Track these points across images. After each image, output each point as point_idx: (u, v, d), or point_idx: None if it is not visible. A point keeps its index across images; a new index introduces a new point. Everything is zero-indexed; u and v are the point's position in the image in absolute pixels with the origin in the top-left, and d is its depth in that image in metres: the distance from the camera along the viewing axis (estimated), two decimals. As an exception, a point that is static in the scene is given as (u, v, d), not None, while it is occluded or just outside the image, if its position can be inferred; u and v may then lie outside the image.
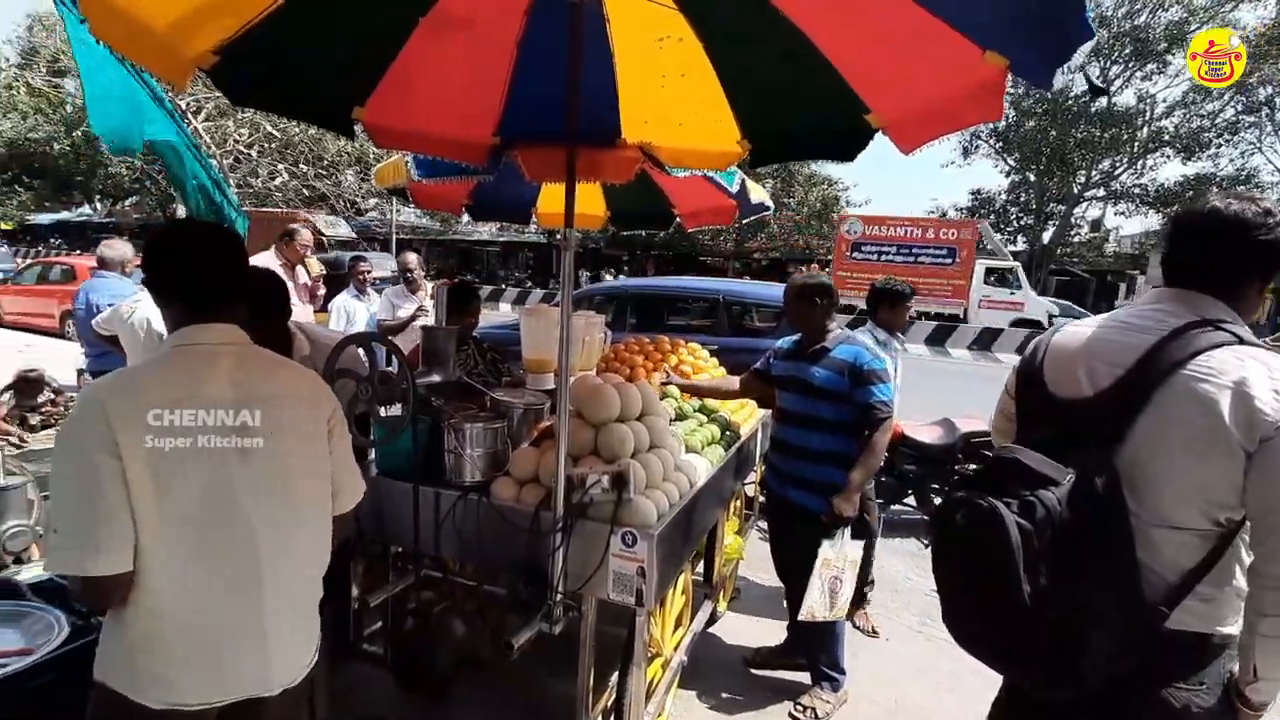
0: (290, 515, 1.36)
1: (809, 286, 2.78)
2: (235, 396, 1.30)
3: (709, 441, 2.66)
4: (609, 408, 2.01)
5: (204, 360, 1.31)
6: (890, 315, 3.61)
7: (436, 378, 2.27)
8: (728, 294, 6.49)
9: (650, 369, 3.40)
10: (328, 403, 1.48)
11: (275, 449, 1.34)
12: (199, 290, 1.33)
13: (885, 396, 2.66)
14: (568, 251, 1.72)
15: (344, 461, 1.50)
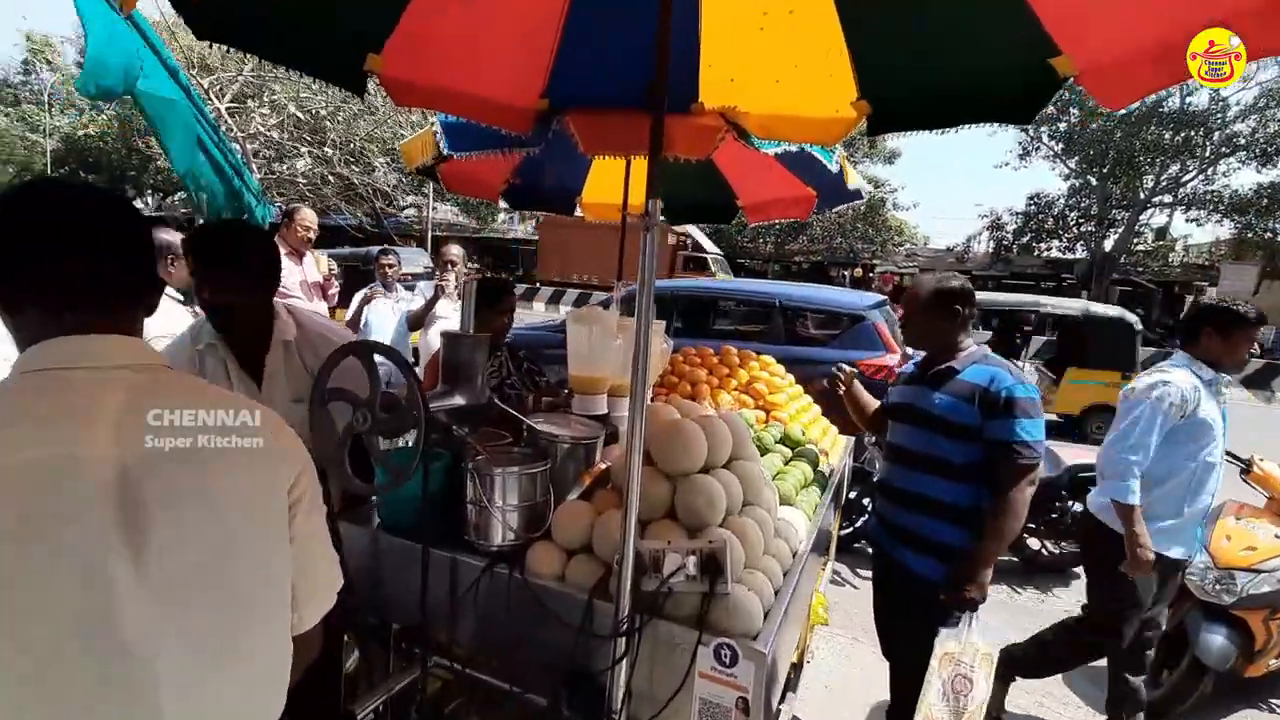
0: (214, 649, 0.84)
1: (945, 291, 2.14)
2: (121, 452, 0.79)
3: (803, 484, 2.09)
4: (691, 454, 1.46)
5: (73, 393, 0.80)
6: (1223, 346, 2.48)
7: (460, 400, 1.75)
8: (784, 298, 5.88)
9: (715, 386, 2.84)
10: (291, 461, 0.94)
11: (192, 539, 0.82)
12: (65, 284, 0.82)
13: (1031, 435, 1.98)
14: (649, 231, 1.18)
15: (313, 552, 0.98)
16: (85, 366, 0.82)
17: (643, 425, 1.31)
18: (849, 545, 4.47)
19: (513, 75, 2.05)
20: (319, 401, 1.55)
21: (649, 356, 1.30)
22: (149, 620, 0.78)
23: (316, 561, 0.99)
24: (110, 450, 0.78)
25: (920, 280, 2.22)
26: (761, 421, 2.59)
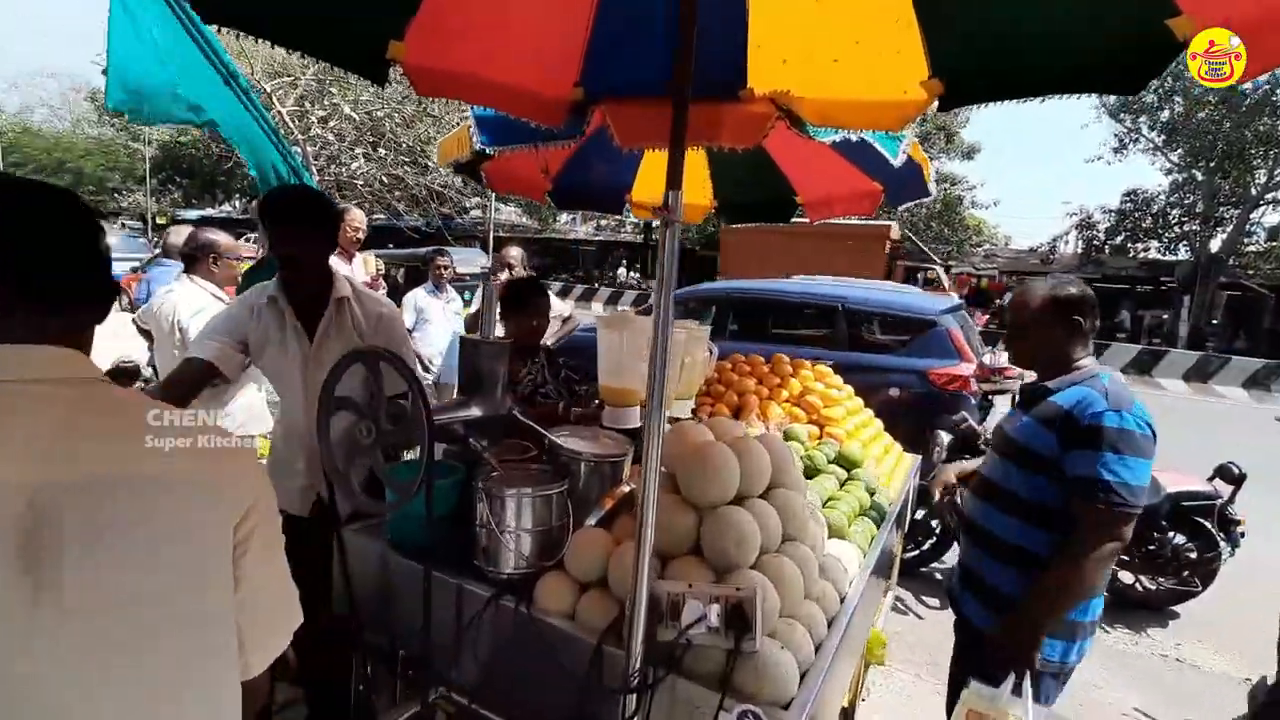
0: (135, 694, 0.74)
1: (1061, 299, 1.78)
2: (39, 478, 0.69)
3: (858, 512, 1.86)
4: (720, 483, 1.28)
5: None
6: None
7: (476, 410, 1.63)
8: (850, 300, 5.55)
9: (765, 397, 2.63)
10: (238, 495, 0.83)
11: (111, 576, 0.72)
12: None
13: (1119, 475, 1.55)
14: (669, 228, 1.00)
15: (265, 594, 0.87)
16: (14, 380, 0.73)
17: (658, 446, 1.14)
18: (914, 569, 4.13)
19: (544, 62, 1.91)
20: (324, 411, 1.45)
21: (666, 365, 1.13)
22: (51, 665, 0.68)
23: (270, 605, 0.87)
24: (27, 475, 0.69)
25: (1031, 286, 1.87)
26: (814, 438, 2.36)
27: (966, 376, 4.81)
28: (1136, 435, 1.60)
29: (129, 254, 14.70)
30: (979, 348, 5.37)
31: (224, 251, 2.65)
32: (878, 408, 5.06)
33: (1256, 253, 21.07)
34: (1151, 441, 1.62)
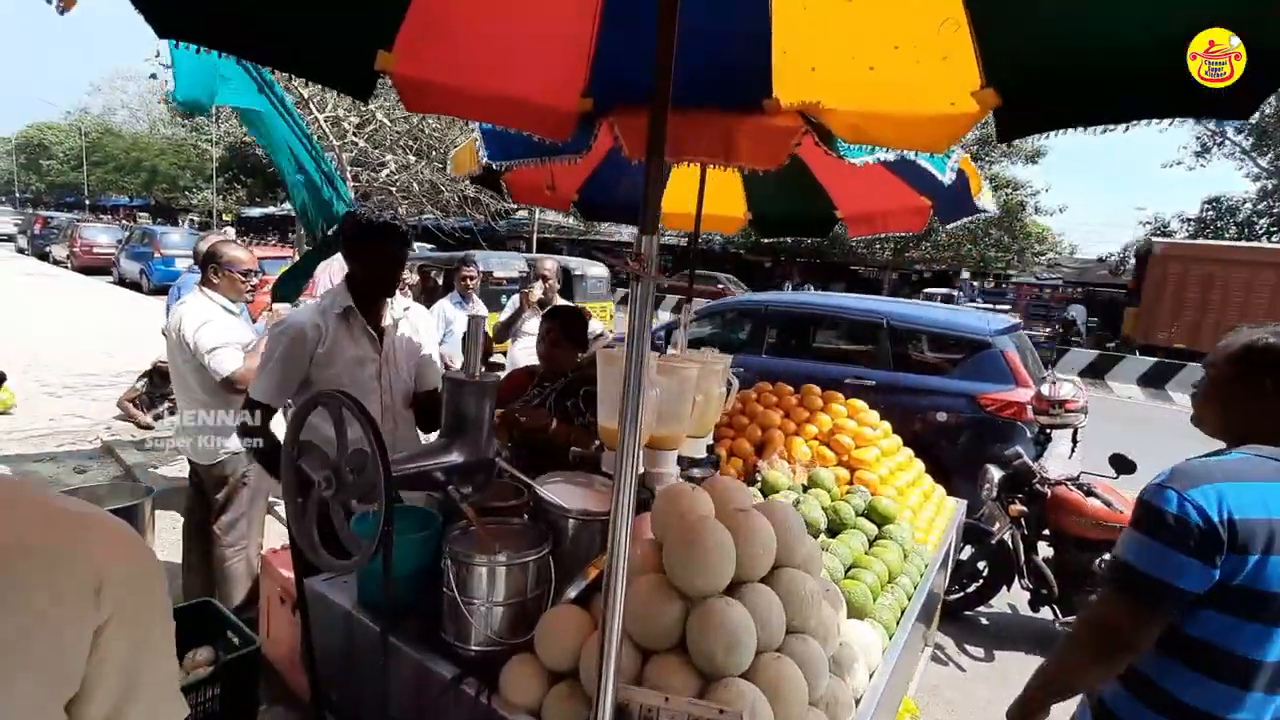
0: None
1: (1255, 352, 1.34)
2: None
3: (886, 580, 1.64)
4: (711, 571, 1.08)
5: None
6: None
7: (457, 456, 1.48)
8: (894, 318, 5.22)
9: (792, 432, 2.41)
10: (93, 569, 0.69)
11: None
12: None
13: (1132, 554, 1.23)
14: (642, 281, 0.83)
15: (131, 682, 0.71)
16: None
17: (627, 520, 0.96)
18: (957, 613, 3.82)
19: (548, 72, 1.76)
20: (287, 461, 1.33)
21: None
22: None
23: (134, 693, 0.72)
24: None
25: (1230, 339, 1.46)
26: (843, 483, 2.13)
27: (1021, 403, 4.43)
28: (1169, 516, 1.20)
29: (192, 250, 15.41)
30: (1037, 372, 4.98)
31: (225, 264, 2.60)
32: (923, 432, 4.79)
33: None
34: (1195, 532, 1.18)
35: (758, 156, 1.76)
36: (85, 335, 9.40)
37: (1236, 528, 1.16)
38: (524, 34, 1.68)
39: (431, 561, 1.45)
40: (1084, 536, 3.40)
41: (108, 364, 7.65)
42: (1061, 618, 3.48)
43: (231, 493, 2.71)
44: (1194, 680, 1.23)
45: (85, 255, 19.07)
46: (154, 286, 15.36)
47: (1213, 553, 1.16)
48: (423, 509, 1.57)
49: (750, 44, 1.66)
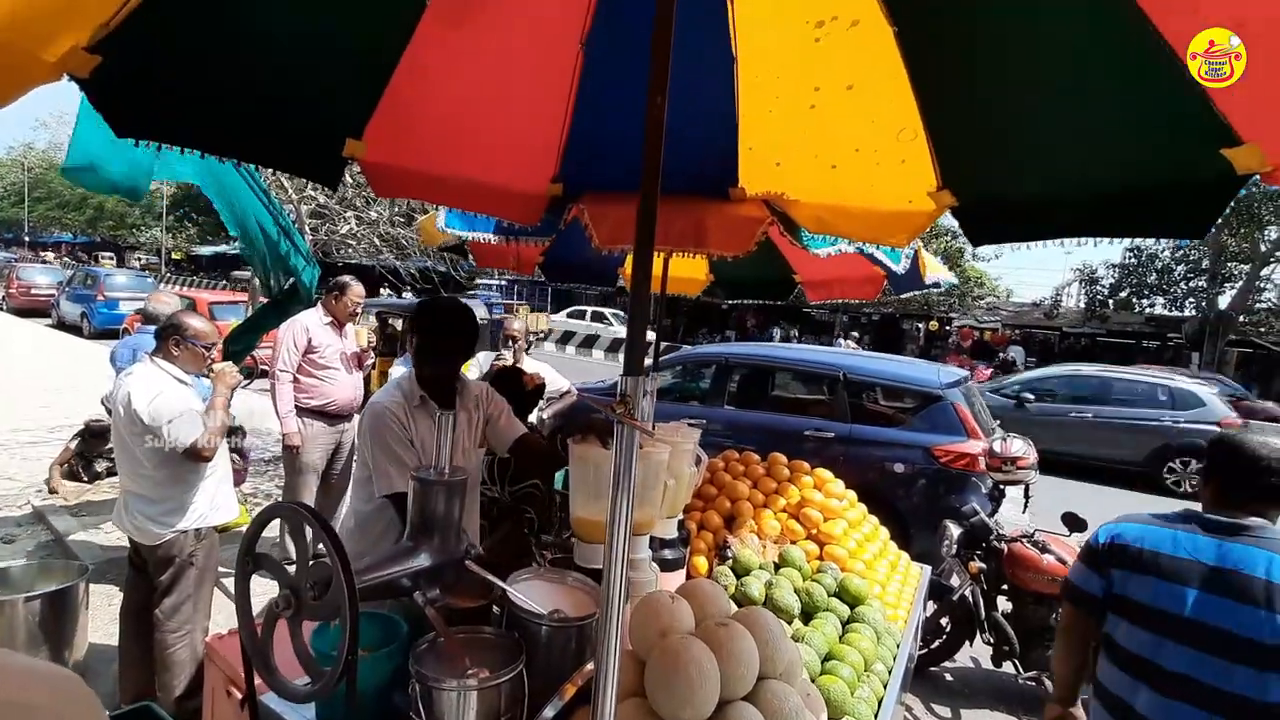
0: None
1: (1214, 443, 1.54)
2: None
3: (864, 668, 1.63)
4: (697, 700, 1.05)
5: None
6: None
7: (425, 559, 1.42)
8: (850, 370, 5.35)
9: (761, 504, 2.41)
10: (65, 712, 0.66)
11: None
12: None
13: (1070, 572, 1.70)
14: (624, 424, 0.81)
15: None
16: None
17: (612, 653, 0.93)
18: (922, 670, 3.83)
19: (519, 159, 1.78)
20: (241, 574, 1.25)
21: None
22: None
23: None
24: None
25: None
26: (813, 559, 2.13)
27: (973, 455, 4.57)
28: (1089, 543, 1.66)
29: (138, 293, 14.70)
30: (987, 423, 5.16)
31: (189, 336, 2.47)
32: (880, 483, 4.87)
33: (1268, 310, 20.90)
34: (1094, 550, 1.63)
35: (727, 243, 1.81)
36: (18, 384, 8.80)
37: (1115, 548, 1.56)
38: (495, 123, 1.70)
39: (396, 674, 1.37)
40: (1041, 592, 3.48)
41: (43, 417, 7.15)
42: (1023, 673, 3.52)
43: (177, 574, 2.53)
44: (1106, 666, 1.58)
45: (21, 296, 18.02)
46: (95, 330, 14.60)
47: (1100, 564, 1.59)
48: (385, 614, 1.49)
49: (718, 139, 1.72)
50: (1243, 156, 1.06)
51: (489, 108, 1.68)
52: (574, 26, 1.51)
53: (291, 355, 3.64)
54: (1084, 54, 1.11)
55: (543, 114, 1.73)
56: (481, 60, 1.56)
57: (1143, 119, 1.12)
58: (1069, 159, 1.28)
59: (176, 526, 2.50)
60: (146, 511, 2.48)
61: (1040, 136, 1.32)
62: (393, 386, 2.04)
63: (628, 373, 0.82)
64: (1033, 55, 1.19)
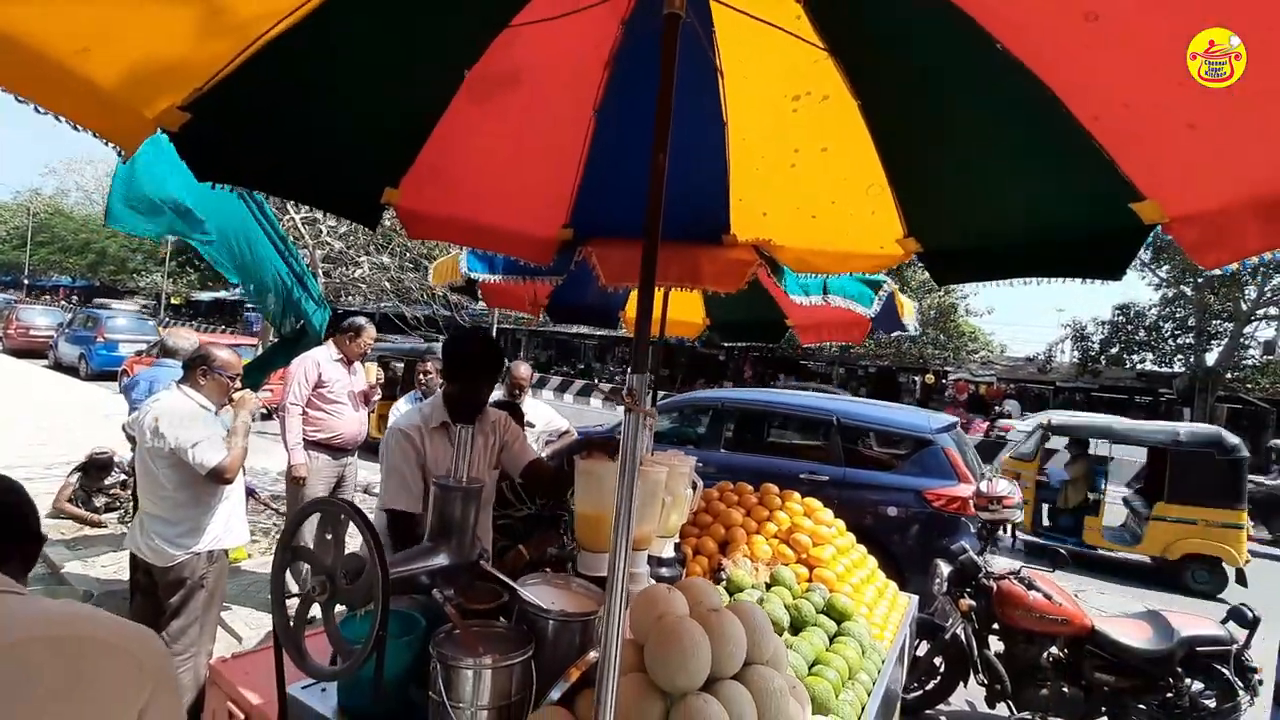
0: None
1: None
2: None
3: (848, 676, 1.74)
4: (691, 667, 1.19)
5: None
6: None
7: (443, 559, 1.56)
8: (844, 415, 5.51)
9: (754, 530, 2.54)
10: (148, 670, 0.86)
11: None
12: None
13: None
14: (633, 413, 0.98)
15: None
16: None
17: (619, 627, 1.07)
18: (917, 711, 3.84)
19: (535, 206, 2.00)
20: (278, 565, 1.39)
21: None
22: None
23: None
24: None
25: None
26: (802, 581, 2.25)
27: (964, 498, 4.69)
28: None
29: (138, 335, 14.96)
30: (977, 467, 5.29)
31: (217, 367, 2.66)
32: (875, 526, 4.96)
33: (1254, 366, 21.24)
34: None
35: (720, 281, 2.01)
36: (14, 423, 8.89)
37: None
38: (514, 177, 1.93)
39: (417, 665, 1.49)
40: (1030, 630, 3.55)
41: (39, 454, 7.22)
42: (1016, 713, 3.55)
43: (187, 596, 2.63)
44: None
45: (20, 337, 18.21)
46: (92, 371, 14.72)
47: None
48: (404, 611, 1.61)
49: (711, 191, 1.94)
50: (1146, 210, 1.27)
51: (509, 163, 1.91)
52: (588, 96, 1.75)
53: (302, 389, 3.80)
54: (1012, 129, 1.33)
55: (557, 168, 1.96)
56: (505, 124, 1.80)
57: (1064, 180, 1.34)
58: (1007, 213, 1.50)
59: (191, 548, 2.61)
60: (164, 533, 2.59)
61: (983, 195, 1.55)
62: (414, 412, 2.19)
63: (635, 370, 0.99)
64: (972, 130, 1.42)
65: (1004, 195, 1.46)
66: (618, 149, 1.87)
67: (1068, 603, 3.58)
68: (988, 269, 1.57)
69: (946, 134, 1.45)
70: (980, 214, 1.55)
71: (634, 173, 1.95)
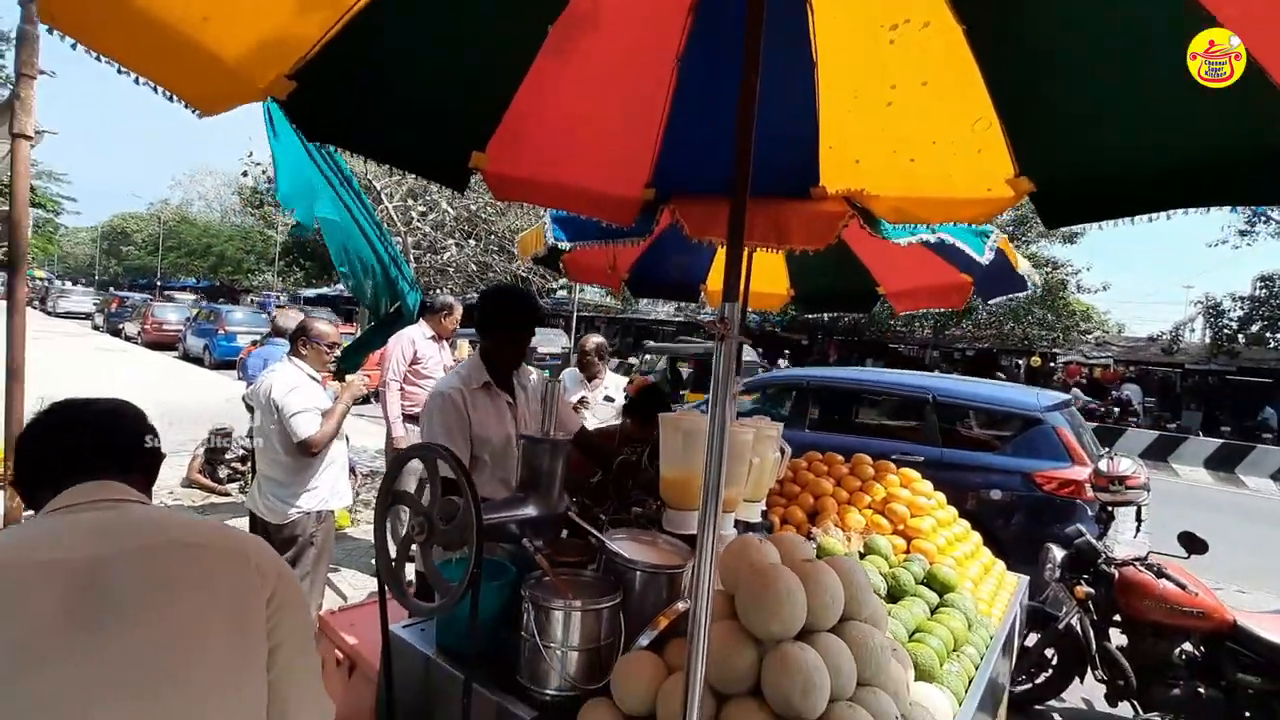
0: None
1: None
2: (90, 552, 0.85)
3: (952, 648, 1.63)
4: (784, 615, 1.14)
5: (59, 522, 0.92)
6: None
7: (532, 510, 1.58)
8: (941, 393, 5.20)
9: (845, 501, 2.44)
10: (266, 571, 0.95)
11: (159, 618, 0.84)
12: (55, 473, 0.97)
13: None
14: (726, 340, 0.96)
15: (295, 673, 0.95)
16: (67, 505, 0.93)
17: (709, 569, 1.04)
18: (1025, 706, 3.59)
19: (617, 167, 1.98)
20: (382, 508, 1.46)
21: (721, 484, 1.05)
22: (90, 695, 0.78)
23: (296, 678, 0.95)
24: (88, 550, 0.84)
25: None
26: (900, 552, 2.14)
27: (1080, 481, 4.31)
28: None
29: (253, 327, 16.36)
30: (1094, 449, 4.86)
31: (314, 336, 2.86)
32: (977, 511, 4.66)
33: None
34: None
35: (808, 238, 1.92)
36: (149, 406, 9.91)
37: None
38: (597, 137, 1.91)
39: (507, 609, 1.53)
40: (1159, 622, 3.23)
41: (168, 434, 8.05)
42: (1142, 714, 3.24)
43: (299, 553, 2.84)
44: None
45: (154, 331, 20.37)
46: (215, 361, 16.24)
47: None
48: (496, 559, 1.66)
49: (800, 141, 1.86)
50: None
51: (592, 121, 1.90)
52: (670, 46, 1.70)
53: (400, 365, 4.01)
54: (1149, 35, 1.17)
55: (639, 125, 1.93)
56: (586, 82, 1.78)
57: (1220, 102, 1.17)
58: (1146, 135, 1.33)
59: (303, 507, 2.82)
60: (278, 493, 2.81)
61: (1114, 117, 1.38)
62: (453, 374, 2.22)
63: (727, 299, 0.96)
64: (1100, 40, 1.26)
65: (1140, 117, 1.30)
66: (701, 101, 1.82)
67: (1205, 594, 3.22)
68: (1120, 202, 1.41)
69: (1068, 52, 1.30)
70: (1110, 142, 1.39)
71: (718, 127, 1.89)
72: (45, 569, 0.82)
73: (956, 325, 21.61)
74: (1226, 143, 1.25)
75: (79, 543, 0.86)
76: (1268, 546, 7.22)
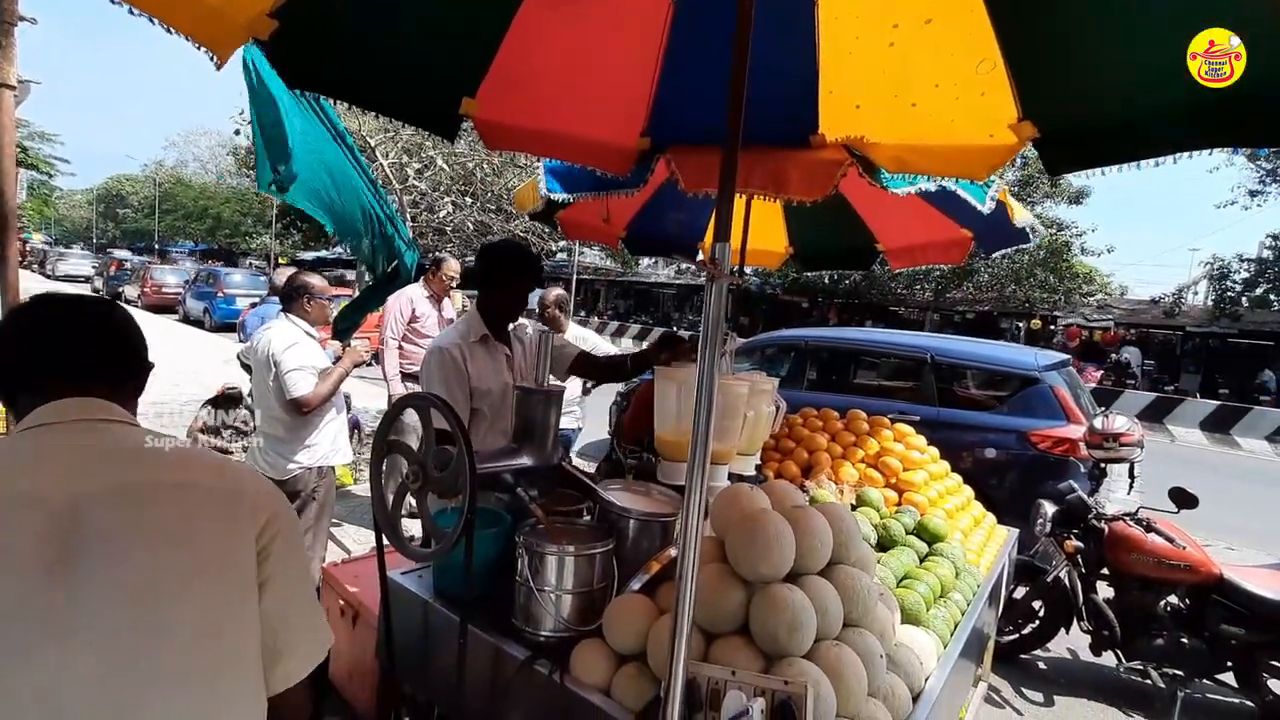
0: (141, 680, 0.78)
1: None
2: (72, 488, 0.80)
3: (938, 594, 1.66)
4: (773, 557, 1.16)
5: (41, 445, 0.85)
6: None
7: (526, 459, 1.60)
8: (937, 352, 5.20)
9: (839, 456, 2.46)
10: (257, 505, 0.90)
11: (137, 564, 0.79)
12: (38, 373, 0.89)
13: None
14: (717, 280, 0.94)
15: (289, 602, 0.91)
16: (49, 421, 0.85)
17: (700, 514, 1.05)
18: (1012, 656, 3.69)
19: (612, 114, 1.93)
20: (376, 455, 1.47)
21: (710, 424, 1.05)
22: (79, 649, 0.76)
23: (292, 611, 0.92)
24: (68, 487, 0.80)
25: None
26: (891, 504, 2.17)
27: (1074, 440, 4.34)
28: None
29: (252, 290, 16.29)
30: (1090, 408, 4.88)
31: (316, 293, 2.85)
32: (972, 469, 4.71)
33: None
34: None
35: (806, 188, 1.89)
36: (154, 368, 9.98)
37: None
38: (591, 83, 1.86)
39: (502, 556, 1.55)
40: (1146, 575, 3.29)
41: (174, 394, 8.12)
42: (1125, 663, 3.33)
43: (301, 508, 2.87)
44: None
45: (154, 295, 20.26)
46: (215, 324, 16.21)
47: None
48: (491, 509, 1.68)
49: (799, 87, 1.80)
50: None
51: (585, 67, 1.84)
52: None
53: (398, 324, 4.01)
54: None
55: (633, 71, 1.87)
56: (578, 23, 1.73)
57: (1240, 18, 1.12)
58: (1154, 74, 1.29)
59: (303, 463, 2.84)
60: (278, 449, 2.83)
61: (1123, 56, 1.33)
62: (451, 329, 2.23)
63: (718, 239, 0.94)
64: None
65: (1150, 55, 1.25)
66: (697, 43, 1.76)
67: (1193, 548, 3.28)
68: (1119, 146, 1.37)
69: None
70: (1116, 83, 1.34)
71: (714, 71, 1.83)
72: (24, 503, 0.78)
73: (957, 288, 21.46)
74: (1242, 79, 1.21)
75: (60, 475, 0.80)
76: (1258, 505, 7.33)
